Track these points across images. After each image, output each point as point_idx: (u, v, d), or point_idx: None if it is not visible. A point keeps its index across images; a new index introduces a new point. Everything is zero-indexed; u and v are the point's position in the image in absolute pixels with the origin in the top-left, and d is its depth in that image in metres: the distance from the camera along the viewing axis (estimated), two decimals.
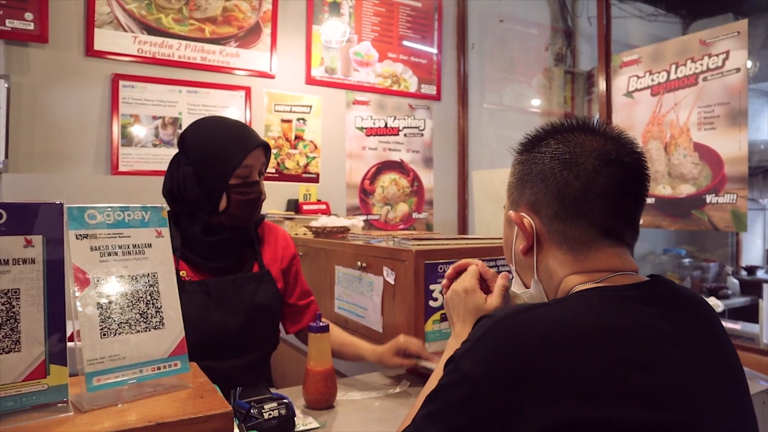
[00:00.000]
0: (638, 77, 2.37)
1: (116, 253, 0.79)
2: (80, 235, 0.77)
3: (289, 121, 2.89)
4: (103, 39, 2.51)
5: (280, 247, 1.63)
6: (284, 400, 1.20)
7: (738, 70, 2.07)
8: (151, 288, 0.81)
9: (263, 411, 1.15)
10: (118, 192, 2.51)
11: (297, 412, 1.24)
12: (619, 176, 0.77)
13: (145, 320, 0.79)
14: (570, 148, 0.80)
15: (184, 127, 2.66)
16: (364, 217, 3.03)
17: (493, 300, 0.97)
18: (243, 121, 2.75)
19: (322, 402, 1.35)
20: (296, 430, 1.21)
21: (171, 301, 0.82)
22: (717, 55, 2.11)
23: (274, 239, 1.64)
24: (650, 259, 3.54)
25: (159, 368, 0.79)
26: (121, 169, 2.56)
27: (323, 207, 2.82)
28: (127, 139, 2.58)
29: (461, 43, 3.37)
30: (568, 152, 0.79)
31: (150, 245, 0.82)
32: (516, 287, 0.92)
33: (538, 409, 0.62)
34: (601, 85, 2.50)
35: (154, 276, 0.82)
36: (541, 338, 0.66)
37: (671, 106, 2.25)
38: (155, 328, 0.80)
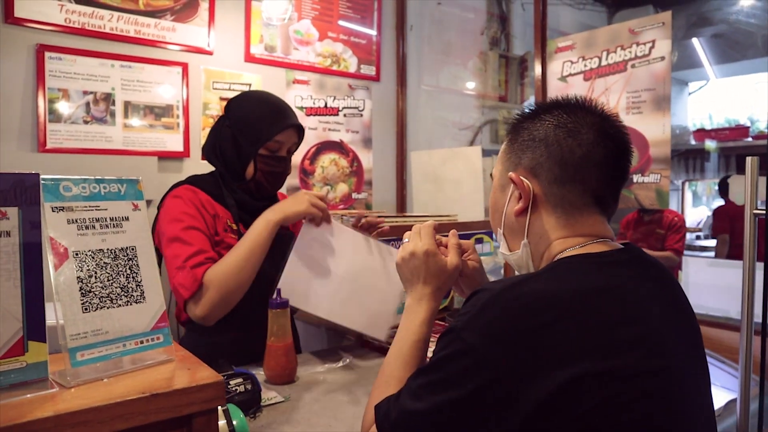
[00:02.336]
0: (572, 62, 2.48)
1: (94, 227, 0.77)
2: (56, 207, 0.74)
3: (228, 99, 2.83)
4: (26, 5, 2.35)
5: None
6: (249, 375, 1.21)
7: (663, 58, 2.22)
8: (131, 262, 0.80)
9: (229, 386, 1.16)
10: (48, 170, 2.35)
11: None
12: (614, 148, 0.84)
13: (126, 294, 0.78)
14: (573, 118, 0.85)
15: (117, 103, 2.55)
16: None
17: (453, 260, 1.01)
18: (180, 99, 2.67)
19: (284, 377, 1.36)
20: (262, 404, 1.22)
21: (151, 275, 0.81)
22: (644, 44, 2.25)
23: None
24: None
25: (142, 342, 0.78)
26: (50, 146, 2.42)
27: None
28: (56, 115, 2.44)
29: (400, 24, 3.40)
30: (571, 122, 0.85)
31: (127, 218, 0.81)
32: (503, 250, 0.95)
33: (544, 372, 0.67)
34: (537, 69, 2.60)
35: (133, 250, 0.80)
36: (540, 306, 0.71)
37: (602, 90, 2.38)
38: (136, 302, 0.79)
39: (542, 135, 0.86)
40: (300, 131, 1.66)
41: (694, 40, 4.45)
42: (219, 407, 0.87)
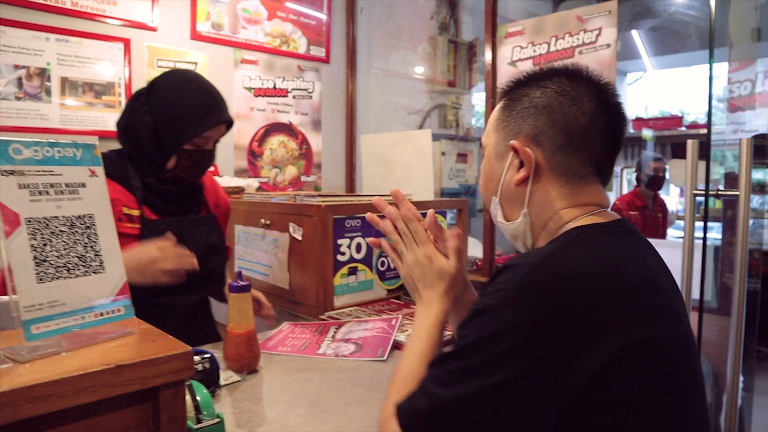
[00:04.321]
0: (521, 48, 2.52)
1: (47, 192, 0.72)
2: (6, 171, 0.69)
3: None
4: None
5: (220, 196, 1.71)
6: (206, 355, 1.17)
7: (608, 45, 2.28)
8: (88, 230, 0.75)
9: None
10: None
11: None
12: (613, 118, 0.84)
13: (84, 264, 0.74)
14: (575, 86, 0.83)
15: (53, 78, 2.41)
16: (255, 180, 2.96)
17: (454, 262, 0.95)
18: (122, 76, 2.56)
19: (244, 366, 1.29)
20: (220, 383, 1.19)
21: (110, 244, 0.77)
22: (591, 31, 2.31)
23: (214, 186, 1.71)
24: None
25: (102, 314, 0.74)
26: None
27: (212, 169, 2.71)
28: None
29: (350, 7, 3.36)
30: (574, 90, 0.83)
31: (84, 185, 0.76)
32: (499, 219, 0.92)
33: (589, 346, 0.66)
34: (488, 54, 2.62)
35: (90, 218, 0.76)
36: (577, 279, 0.69)
37: None
38: (95, 273, 0.75)
39: (545, 102, 0.84)
40: (230, 125, 1.51)
41: (634, 32, 4.62)
42: None
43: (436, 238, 0.97)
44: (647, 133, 4.72)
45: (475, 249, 2.90)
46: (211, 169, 2.72)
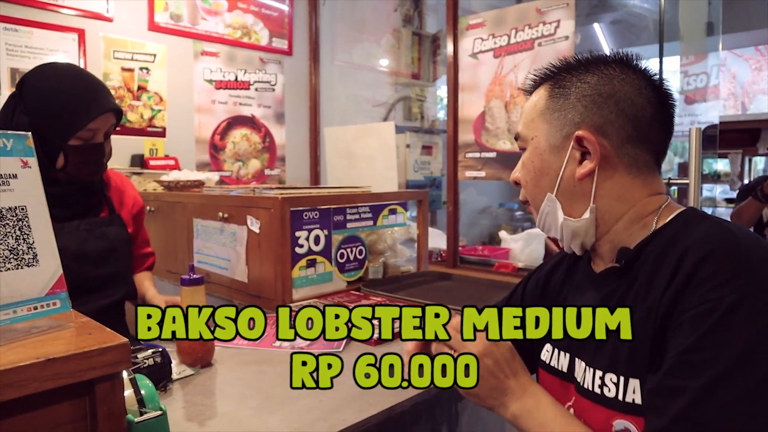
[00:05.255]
0: (482, 40, 2.54)
1: None
2: None
3: (130, 69, 2.67)
4: None
5: (128, 194, 1.61)
6: (158, 349, 1.16)
7: (567, 38, 2.31)
8: (20, 222, 0.73)
9: (137, 360, 1.10)
10: None
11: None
12: (668, 109, 0.82)
13: (16, 257, 0.72)
14: (636, 74, 0.80)
15: (1, 70, 2.34)
16: (217, 173, 2.93)
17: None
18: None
19: (198, 360, 1.27)
20: (173, 377, 1.17)
21: (44, 237, 0.75)
22: (550, 23, 2.34)
23: (121, 185, 1.61)
24: (489, 211, 3.87)
25: (36, 308, 0.72)
26: None
27: (172, 163, 2.68)
28: None
29: None
30: (636, 78, 0.80)
31: (15, 176, 0.74)
32: (560, 216, 0.85)
33: None
34: (449, 46, 2.63)
35: (23, 210, 0.74)
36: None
37: (511, 67, 2.46)
38: (28, 266, 0.73)
39: (609, 90, 0.79)
40: (118, 114, 1.41)
41: (596, 26, 4.69)
42: (125, 374, 0.83)
43: None
44: None
45: (440, 241, 2.92)
46: (172, 163, 2.69)
